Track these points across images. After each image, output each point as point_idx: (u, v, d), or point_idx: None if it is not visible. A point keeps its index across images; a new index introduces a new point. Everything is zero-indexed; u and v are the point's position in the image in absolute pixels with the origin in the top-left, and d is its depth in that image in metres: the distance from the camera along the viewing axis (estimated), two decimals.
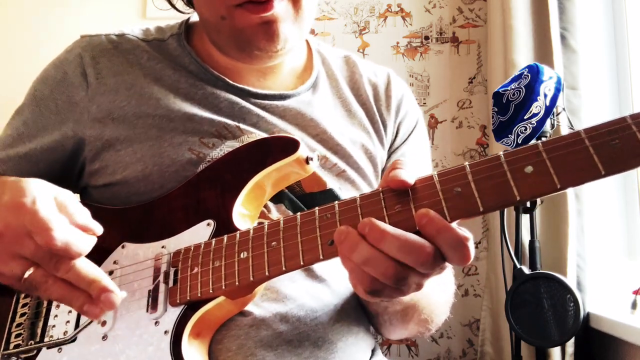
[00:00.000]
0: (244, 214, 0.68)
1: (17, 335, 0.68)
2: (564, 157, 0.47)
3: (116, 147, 0.75)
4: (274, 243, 0.58)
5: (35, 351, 0.66)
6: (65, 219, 0.57)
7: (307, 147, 0.71)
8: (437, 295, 0.77)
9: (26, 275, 0.56)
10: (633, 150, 0.45)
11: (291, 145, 0.67)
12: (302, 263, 0.56)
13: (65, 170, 0.80)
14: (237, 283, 0.59)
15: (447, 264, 0.50)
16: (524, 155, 0.49)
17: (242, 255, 0.60)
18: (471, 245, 0.48)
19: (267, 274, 0.57)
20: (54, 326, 0.67)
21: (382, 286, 0.50)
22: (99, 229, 0.60)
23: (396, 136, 0.90)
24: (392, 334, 0.83)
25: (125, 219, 0.72)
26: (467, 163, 0.51)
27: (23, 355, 0.67)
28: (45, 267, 0.56)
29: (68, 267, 0.56)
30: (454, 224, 0.49)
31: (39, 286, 0.57)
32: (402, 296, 0.53)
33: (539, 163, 0.48)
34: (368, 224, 0.50)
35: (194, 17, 0.88)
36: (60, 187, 0.62)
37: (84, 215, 0.60)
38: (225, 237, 0.63)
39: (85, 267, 0.57)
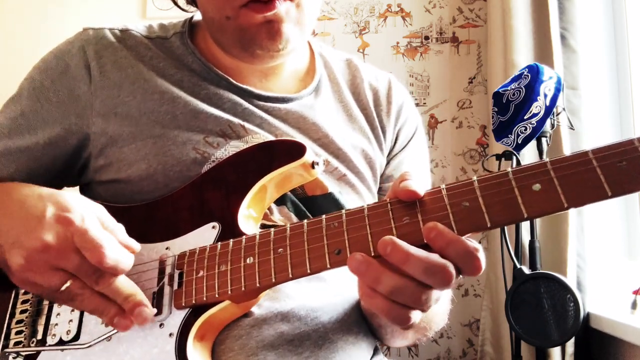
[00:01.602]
0: (249, 216, 0.68)
1: (18, 332, 0.68)
2: (572, 177, 0.47)
3: (119, 143, 0.75)
4: (280, 250, 0.58)
5: (36, 350, 0.66)
6: (112, 237, 0.59)
7: (311, 150, 0.71)
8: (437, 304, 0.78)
9: (64, 287, 0.58)
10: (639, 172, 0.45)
11: (297, 150, 0.67)
12: (309, 271, 0.56)
13: (67, 165, 0.79)
14: (243, 288, 0.59)
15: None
16: (532, 173, 0.49)
17: (248, 261, 0.60)
18: (482, 256, 0.48)
19: (273, 280, 0.58)
20: (56, 324, 0.67)
21: (412, 314, 0.50)
22: (137, 247, 0.63)
23: (395, 142, 0.90)
24: (392, 343, 0.84)
25: (129, 218, 0.71)
26: (475, 178, 0.52)
27: (24, 353, 0.67)
28: (86, 281, 0.58)
29: (109, 282, 0.58)
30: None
31: (75, 298, 0.59)
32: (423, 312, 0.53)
33: (547, 181, 0.48)
34: (390, 243, 0.49)
35: (197, 16, 0.88)
36: (93, 202, 0.64)
37: (124, 232, 0.62)
38: (231, 241, 0.62)
39: (124, 282, 0.60)
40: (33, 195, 0.62)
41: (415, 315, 0.51)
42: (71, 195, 0.62)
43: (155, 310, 0.61)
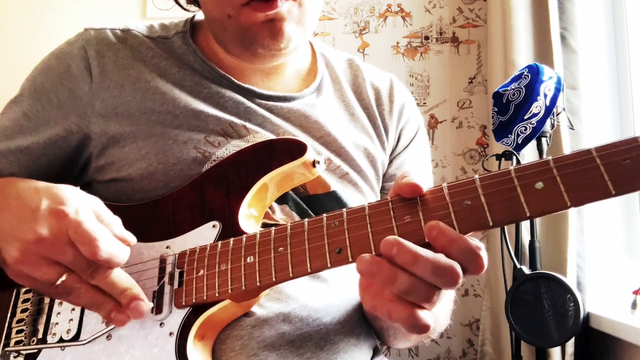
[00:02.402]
0: (250, 215, 0.68)
1: (19, 332, 0.68)
2: (575, 175, 0.47)
3: (121, 143, 0.75)
4: (281, 249, 0.58)
5: (37, 349, 0.66)
6: (107, 230, 0.58)
7: (312, 149, 0.71)
8: (440, 307, 0.78)
9: (59, 281, 0.57)
10: None
11: (298, 148, 0.67)
12: (309, 270, 0.55)
13: (67, 165, 0.79)
14: (243, 287, 0.59)
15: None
16: (534, 171, 0.48)
17: (248, 260, 0.59)
18: (484, 254, 0.48)
19: (274, 279, 0.57)
20: (57, 324, 0.67)
21: (424, 314, 0.49)
22: (133, 240, 0.62)
23: (398, 142, 0.90)
24: (395, 344, 0.84)
25: (129, 217, 0.71)
26: (477, 176, 0.51)
27: (25, 352, 0.66)
28: (81, 275, 0.57)
29: (104, 276, 0.58)
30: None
31: (71, 292, 0.58)
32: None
33: (550, 180, 0.47)
34: (396, 244, 0.48)
35: (199, 16, 0.88)
36: (90, 195, 0.63)
37: (119, 225, 0.61)
38: (232, 240, 0.62)
39: (120, 276, 0.59)
40: (29, 188, 0.61)
41: (427, 317, 0.49)
42: (67, 188, 0.61)
43: (151, 305, 0.60)
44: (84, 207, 0.58)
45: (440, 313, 0.78)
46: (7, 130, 0.77)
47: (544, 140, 1.48)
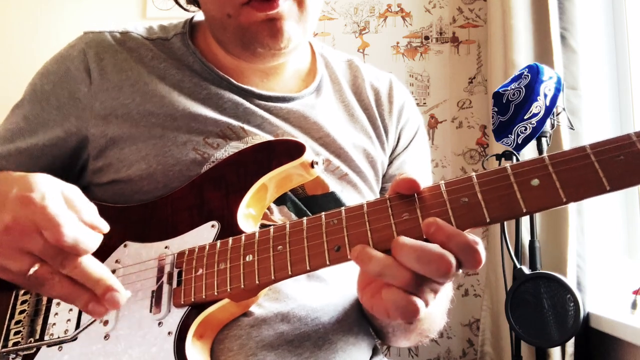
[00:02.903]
0: (248, 215, 0.68)
1: (16, 333, 0.68)
2: (570, 172, 0.48)
3: (120, 145, 0.75)
4: (280, 247, 0.58)
5: (34, 349, 0.66)
6: (74, 215, 0.56)
7: (311, 150, 0.71)
8: (437, 305, 0.78)
9: (31, 271, 0.55)
10: (637, 166, 0.46)
11: (296, 149, 0.67)
12: (308, 268, 0.56)
13: (66, 167, 0.79)
14: (242, 286, 0.59)
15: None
16: (530, 168, 0.49)
17: (247, 259, 0.60)
18: (481, 249, 0.48)
19: (273, 278, 0.57)
20: (54, 324, 0.67)
21: (418, 303, 0.49)
22: (105, 227, 0.60)
23: (398, 142, 0.90)
24: (394, 343, 0.84)
25: (128, 218, 0.72)
26: (473, 174, 0.52)
27: (22, 353, 0.66)
28: (51, 264, 0.55)
29: (75, 265, 0.55)
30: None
31: (44, 283, 0.56)
32: (426, 307, 0.52)
33: (545, 176, 0.48)
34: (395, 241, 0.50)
35: (198, 17, 0.88)
36: (67, 183, 0.60)
37: (92, 212, 0.59)
38: (231, 239, 0.62)
39: (92, 265, 0.56)
40: (6, 179, 0.60)
41: (421, 305, 0.49)
42: (41, 176, 0.58)
43: (129, 294, 0.58)
44: (51, 192, 0.56)
45: (437, 312, 0.78)
46: (7, 133, 0.78)
47: (544, 140, 1.48)
